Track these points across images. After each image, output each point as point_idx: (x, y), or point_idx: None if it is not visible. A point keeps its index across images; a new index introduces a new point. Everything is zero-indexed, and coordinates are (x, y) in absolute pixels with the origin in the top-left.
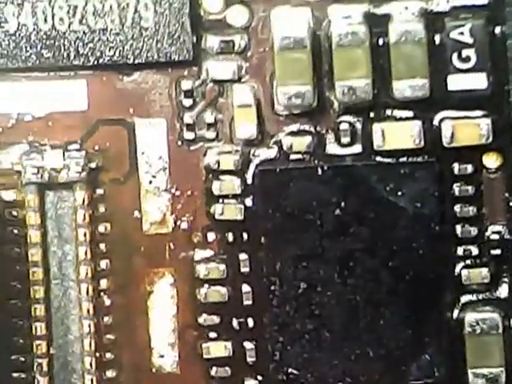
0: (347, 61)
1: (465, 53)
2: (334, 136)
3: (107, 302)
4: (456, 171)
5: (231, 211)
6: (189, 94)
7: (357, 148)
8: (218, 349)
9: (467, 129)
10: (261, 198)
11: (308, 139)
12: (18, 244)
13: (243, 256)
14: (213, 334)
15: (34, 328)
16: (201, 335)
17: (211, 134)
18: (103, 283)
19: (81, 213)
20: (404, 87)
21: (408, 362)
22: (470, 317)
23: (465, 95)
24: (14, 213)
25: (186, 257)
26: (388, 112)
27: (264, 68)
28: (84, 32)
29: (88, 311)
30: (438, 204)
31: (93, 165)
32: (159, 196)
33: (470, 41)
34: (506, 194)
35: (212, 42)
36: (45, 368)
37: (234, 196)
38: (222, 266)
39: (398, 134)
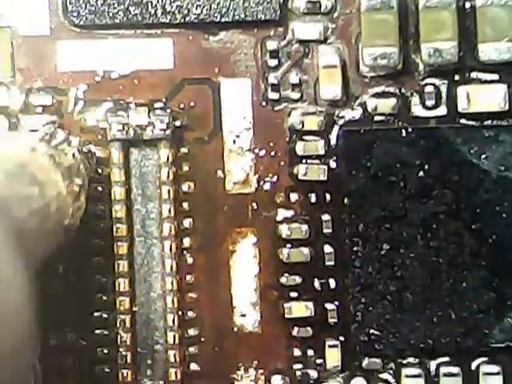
0: (434, 23)
1: None
2: (418, 98)
3: (190, 260)
4: None
5: (314, 172)
6: (274, 54)
7: (441, 110)
8: (300, 309)
9: None
10: (344, 159)
11: (393, 101)
12: (102, 201)
13: (326, 217)
14: (294, 294)
15: (117, 284)
16: (282, 295)
17: (296, 95)
18: (186, 242)
19: (165, 171)
20: (490, 50)
21: (490, 325)
22: None
23: None
24: (99, 170)
25: (268, 217)
26: (473, 75)
27: (350, 29)
28: None
29: (171, 268)
30: None
31: (177, 123)
32: (243, 156)
33: None
34: None
35: (299, 2)
36: (128, 324)
37: (318, 157)
38: (305, 227)
39: (483, 96)
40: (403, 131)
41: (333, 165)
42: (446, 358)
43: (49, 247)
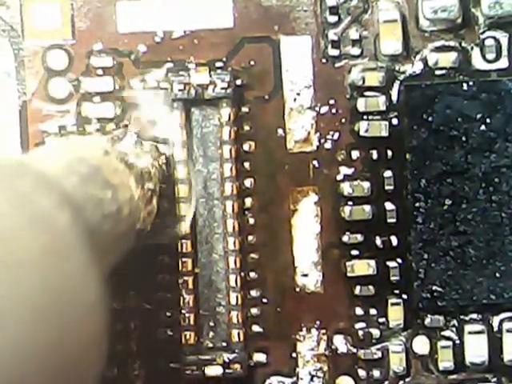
0: None
1: None
2: (479, 51)
3: (251, 220)
4: None
5: (376, 128)
6: (334, 10)
7: (502, 63)
8: (362, 267)
9: None
10: (406, 115)
11: (453, 55)
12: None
13: (388, 173)
14: (356, 253)
15: (179, 246)
16: (344, 254)
17: (356, 51)
18: (248, 202)
19: (226, 130)
20: None
21: None
22: None
23: None
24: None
25: (329, 175)
26: None
27: None
28: None
29: (233, 229)
30: None
31: (238, 82)
32: (303, 114)
33: None
34: None
35: None
36: (190, 286)
37: (379, 113)
38: (367, 184)
39: None
40: (464, 85)
41: (394, 120)
42: (510, 314)
43: (120, 251)
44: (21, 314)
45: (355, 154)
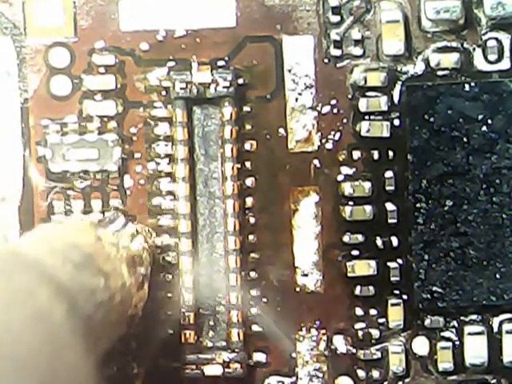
0: None
1: None
2: (481, 52)
3: (252, 220)
4: None
5: (377, 128)
6: (336, 10)
7: (504, 64)
8: (362, 267)
9: None
10: (407, 115)
11: (455, 56)
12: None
13: (389, 174)
14: (357, 253)
15: (180, 244)
16: (345, 254)
17: (358, 51)
18: (248, 201)
19: (228, 129)
20: None
21: None
22: None
23: None
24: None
25: (330, 175)
26: None
27: None
28: None
29: (234, 228)
30: None
31: (240, 81)
32: (305, 114)
33: None
34: None
35: None
36: (190, 285)
37: (381, 113)
38: (368, 184)
39: None
40: (466, 86)
41: (396, 121)
42: (509, 315)
43: (112, 337)
44: None
45: (356, 155)
